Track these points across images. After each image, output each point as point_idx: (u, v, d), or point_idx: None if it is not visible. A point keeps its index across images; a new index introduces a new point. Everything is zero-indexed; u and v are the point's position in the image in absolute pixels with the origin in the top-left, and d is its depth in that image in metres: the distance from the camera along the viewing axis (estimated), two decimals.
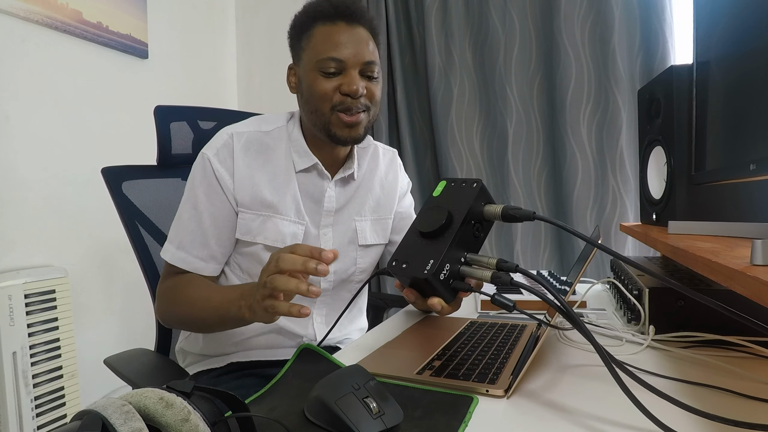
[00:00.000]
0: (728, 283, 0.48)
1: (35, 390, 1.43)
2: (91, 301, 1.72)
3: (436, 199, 0.62)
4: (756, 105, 0.63)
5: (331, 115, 0.84)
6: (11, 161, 1.47)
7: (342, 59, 0.82)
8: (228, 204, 0.86)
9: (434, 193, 0.63)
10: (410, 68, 2.12)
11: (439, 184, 0.64)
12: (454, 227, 0.57)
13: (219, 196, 0.86)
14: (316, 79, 0.84)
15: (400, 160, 1.09)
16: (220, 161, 0.86)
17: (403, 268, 0.57)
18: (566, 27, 1.80)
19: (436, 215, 0.58)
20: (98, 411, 0.33)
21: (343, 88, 0.83)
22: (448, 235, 0.57)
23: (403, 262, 0.57)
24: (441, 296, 0.58)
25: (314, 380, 0.55)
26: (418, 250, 0.57)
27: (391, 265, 0.58)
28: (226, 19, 2.43)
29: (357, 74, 0.84)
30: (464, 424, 0.50)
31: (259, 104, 2.42)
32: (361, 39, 0.85)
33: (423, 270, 0.55)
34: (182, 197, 0.88)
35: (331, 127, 0.85)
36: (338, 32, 0.83)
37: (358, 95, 0.83)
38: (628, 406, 0.54)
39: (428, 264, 0.55)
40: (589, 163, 1.82)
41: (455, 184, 0.62)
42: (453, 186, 0.62)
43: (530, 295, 1.01)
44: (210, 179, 0.86)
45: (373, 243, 0.99)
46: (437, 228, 0.57)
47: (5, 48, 1.45)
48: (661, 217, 0.93)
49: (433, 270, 0.54)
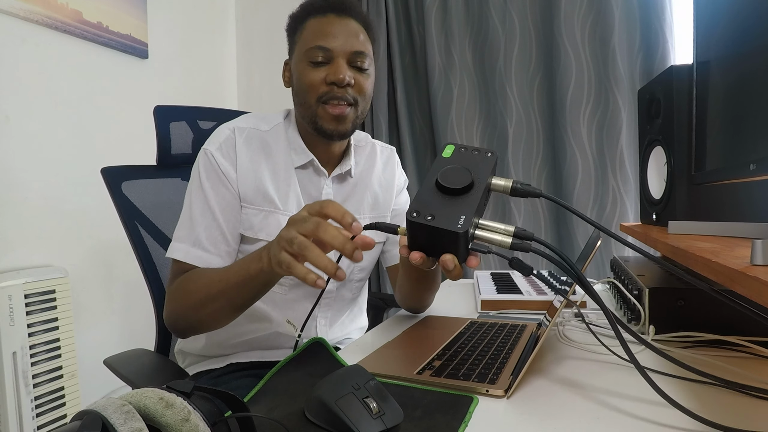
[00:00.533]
0: (728, 283, 0.48)
1: (35, 390, 1.43)
2: (91, 301, 1.72)
3: (449, 161, 0.59)
4: (756, 105, 0.63)
5: (317, 107, 0.84)
6: (11, 161, 1.47)
7: (329, 48, 0.83)
8: (236, 197, 0.86)
9: (443, 154, 0.60)
10: (410, 68, 2.12)
11: (447, 147, 0.61)
12: (478, 189, 0.55)
13: (228, 190, 0.85)
14: (304, 69, 0.84)
15: (397, 158, 1.08)
16: (223, 155, 0.85)
17: (429, 219, 0.53)
18: (566, 27, 1.80)
19: (461, 174, 0.56)
20: (98, 411, 0.33)
21: (329, 77, 0.83)
22: (473, 195, 0.55)
23: (427, 215, 0.53)
24: (458, 255, 0.55)
25: (315, 377, 0.54)
26: (443, 205, 0.54)
27: (413, 215, 0.53)
28: (226, 19, 2.43)
29: (344, 63, 0.84)
30: (464, 424, 0.50)
31: (259, 104, 2.42)
32: (351, 30, 0.85)
33: (456, 224, 0.52)
34: (187, 197, 0.87)
35: (317, 120, 0.85)
36: (328, 23, 0.84)
37: (344, 84, 0.82)
38: (628, 406, 0.54)
39: (460, 219, 0.52)
40: (589, 163, 1.82)
41: (466, 150, 0.60)
42: (464, 152, 0.60)
43: (530, 295, 1.02)
44: (216, 174, 0.85)
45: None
46: (464, 186, 0.55)
47: (5, 48, 1.45)
48: (661, 217, 0.93)
49: (466, 225, 0.52)
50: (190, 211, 0.85)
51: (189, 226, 0.84)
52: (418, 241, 0.55)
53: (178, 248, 0.84)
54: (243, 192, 0.86)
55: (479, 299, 1.02)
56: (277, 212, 0.87)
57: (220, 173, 0.85)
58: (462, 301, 1.10)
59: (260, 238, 0.87)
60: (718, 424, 0.47)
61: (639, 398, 0.56)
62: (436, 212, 0.53)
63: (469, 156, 0.59)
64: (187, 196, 0.87)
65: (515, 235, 0.55)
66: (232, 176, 0.85)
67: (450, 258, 0.54)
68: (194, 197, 0.86)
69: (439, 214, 0.53)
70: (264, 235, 0.86)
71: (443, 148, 0.61)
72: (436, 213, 0.53)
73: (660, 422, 0.50)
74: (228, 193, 0.85)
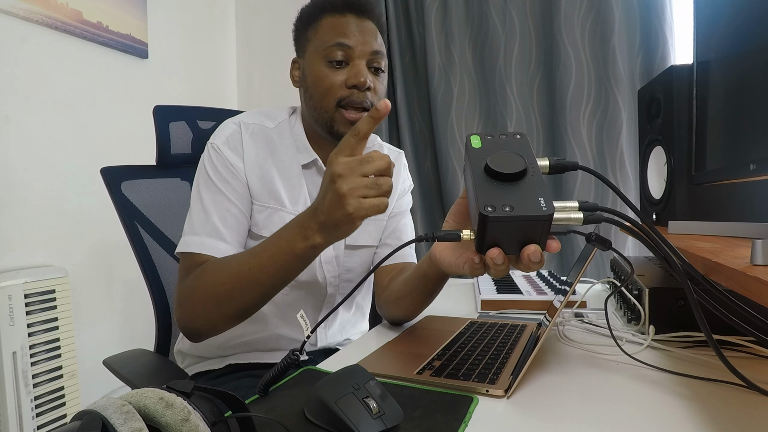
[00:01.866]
0: (728, 283, 0.48)
1: (35, 390, 1.43)
2: (91, 301, 1.72)
3: (484, 150, 0.54)
4: (756, 105, 0.63)
5: (335, 111, 0.82)
6: (11, 161, 1.47)
7: (351, 45, 0.81)
8: (246, 189, 0.84)
9: (473, 145, 0.55)
10: (410, 68, 2.12)
11: (472, 138, 0.56)
12: (534, 169, 0.51)
13: (239, 180, 0.84)
14: (321, 71, 0.82)
15: (405, 161, 1.07)
16: (230, 149, 0.84)
17: (508, 210, 0.46)
18: (566, 27, 1.80)
19: (510, 159, 0.51)
20: (98, 411, 0.33)
21: (350, 80, 0.81)
22: (535, 175, 0.50)
23: (504, 206, 0.47)
24: (541, 242, 0.49)
25: (315, 378, 0.54)
26: (512, 193, 0.48)
27: (488, 210, 0.46)
28: (226, 19, 2.43)
29: (364, 65, 0.82)
30: (464, 424, 0.50)
31: (259, 104, 2.42)
32: (370, 31, 0.84)
33: (540, 208, 0.46)
34: (195, 193, 0.84)
35: (333, 124, 0.83)
36: (347, 22, 0.82)
37: (365, 87, 0.81)
38: (628, 406, 0.54)
39: (541, 202, 0.47)
40: (589, 163, 1.82)
41: (493, 137, 0.55)
42: (492, 138, 0.55)
43: (530, 295, 1.01)
44: (225, 166, 0.83)
45: (363, 244, 0.96)
46: (522, 169, 0.50)
47: (5, 48, 1.45)
48: (661, 217, 0.93)
49: (550, 206, 0.46)
50: (201, 204, 0.82)
51: (202, 218, 0.81)
52: (496, 238, 0.49)
53: (192, 241, 0.79)
54: (251, 186, 0.85)
55: (479, 299, 1.02)
56: (282, 210, 0.86)
57: (229, 165, 0.83)
58: (462, 301, 1.10)
59: (263, 235, 0.84)
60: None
61: (639, 398, 0.56)
62: (512, 202, 0.47)
63: (500, 142, 0.55)
64: (195, 191, 0.84)
65: (582, 209, 0.50)
66: (240, 169, 0.84)
67: (534, 249, 0.49)
68: (204, 190, 0.83)
69: (516, 202, 0.47)
70: (267, 232, 0.83)
71: (468, 140, 0.56)
72: (512, 203, 0.47)
73: (660, 422, 0.50)
74: (239, 184, 0.84)
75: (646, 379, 0.61)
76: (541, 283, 1.16)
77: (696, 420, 0.49)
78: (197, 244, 0.78)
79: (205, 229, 0.80)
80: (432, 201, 2.10)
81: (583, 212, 0.49)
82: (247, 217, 0.84)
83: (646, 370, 0.64)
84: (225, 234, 0.80)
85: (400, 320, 0.90)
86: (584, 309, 0.97)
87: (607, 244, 0.51)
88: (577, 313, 0.92)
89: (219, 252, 0.78)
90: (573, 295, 0.96)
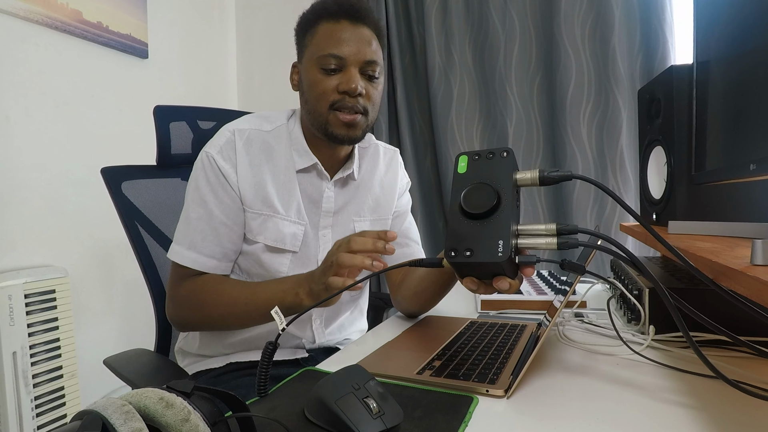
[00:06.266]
0: (728, 283, 0.48)
1: (35, 390, 1.43)
2: (91, 301, 1.72)
3: (467, 176, 0.57)
4: (756, 105, 0.63)
5: (328, 114, 0.84)
6: (11, 161, 1.47)
7: (342, 56, 0.82)
8: (237, 200, 0.86)
9: (459, 170, 0.58)
10: (410, 68, 2.12)
11: (460, 159, 0.59)
12: (505, 203, 0.54)
13: (228, 193, 0.85)
14: (315, 76, 0.84)
15: (400, 159, 1.08)
16: (224, 158, 0.85)
17: (468, 255, 0.52)
18: (566, 27, 1.80)
19: (484, 194, 0.54)
20: (98, 411, 0.33)
21: (341, 86, 0.82)
22: (502, 211, 0.53)
23: (465, 250, 0.52)
24: (508, 275, 0.54)
25: (315, 379, 0.54)
26: (475, 234, 0.53)
27: (451, 255, 0.52)
28: (226, 19, 2.43)
29: (357, 72, 0.83)
30: (464, 424, 0.50)
31: (259, 104, 2.42)
32: (364, 38, 0.84)
33: (496, 253, 0.51)
34: (186, 198, 0.87)
35: (328, 127, 0.84)
36: (341, 30, 0.83)
37: (356, 93, 0.82)
38: (628, 406, 0.54)
39: (498, 246, 0.51)
40: (589, 163, 1.82)
41: (480, 157, 0.58)
42: (479, 159, 0.58)
43: (530, 295, 1.02)
44: (216, 177, 0.85)
45: None
46: (491, 208, 0.53)
47: (5, 48, 1.45)
48: (661, 217, 0.93)
49: (507, 251, 0.50)
50: (187, 214, 0.86)
51: (185, 229, 0.86)
52: (466, 274, 0.56)
53: (175, 251, 0.85)
54: (243, 195, 0.86)
55: (479, 299, 1.02)
56: (276, 216, 0.87)
57: (221, 176, 0.85)
58: (462, 301, 1.10)
59: (258, 241, 0.87)
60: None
61: (639, 398, 0.56)
62: (473, 245, 0.52)
63: (485, 164, 0.57)
64: (187, 198, 0.87)
65: (559, 232, 0.52)
66: (232, 179, 0.85)
67: (502, 281, 0.54)
68: (192, 200, 0.86)
69: (476, 246, 0.52)
70: (262, 238, 0.87)
71: (456, 161, 0.59)
72: (472, 246, 0.52)
73: (660, 422, 0.50)
74: (227, 196, 0.86)
75: (646, 379, 0.61)
76: (541, 283, 1.16)
77: (696, 420, 0.49)
78: (178, 254, 0.85)
79: (185, 240, 0.85)
80: (432, 201, 2.10)
81: (558, 237, 0.52)
82: (233, 227, 0.87)
83: (646, 369, 0.64)
84: (202, 248, 0.85)
85: (417, 313, 0.98)
86: (584, 309, 0.97)
87: (579, 270, 0.54)
88: (577, 313, 0.92)
89: (196, 264, 0.85)
90: (573, 295, 0.96)
